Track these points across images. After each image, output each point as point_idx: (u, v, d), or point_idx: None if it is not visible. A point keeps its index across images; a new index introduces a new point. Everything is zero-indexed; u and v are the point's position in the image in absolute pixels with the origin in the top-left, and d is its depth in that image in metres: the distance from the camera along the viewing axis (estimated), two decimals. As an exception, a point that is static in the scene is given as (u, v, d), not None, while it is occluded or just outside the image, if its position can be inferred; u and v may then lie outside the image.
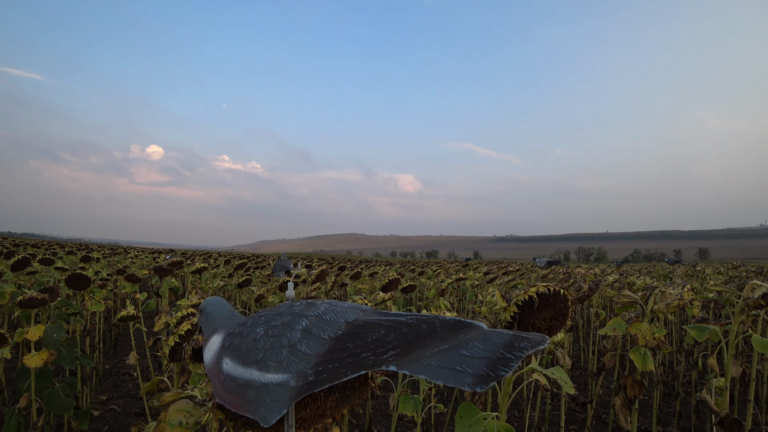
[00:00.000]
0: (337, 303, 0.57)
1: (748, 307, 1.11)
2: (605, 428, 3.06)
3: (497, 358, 0.42)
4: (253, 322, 0.57)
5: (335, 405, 0.56)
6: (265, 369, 0.51)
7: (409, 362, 0.43)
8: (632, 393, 1.56)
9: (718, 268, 7.45)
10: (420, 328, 0.47)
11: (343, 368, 0.46)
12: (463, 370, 0.41)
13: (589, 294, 1.66)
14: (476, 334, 0.45)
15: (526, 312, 0.89)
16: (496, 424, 1.01)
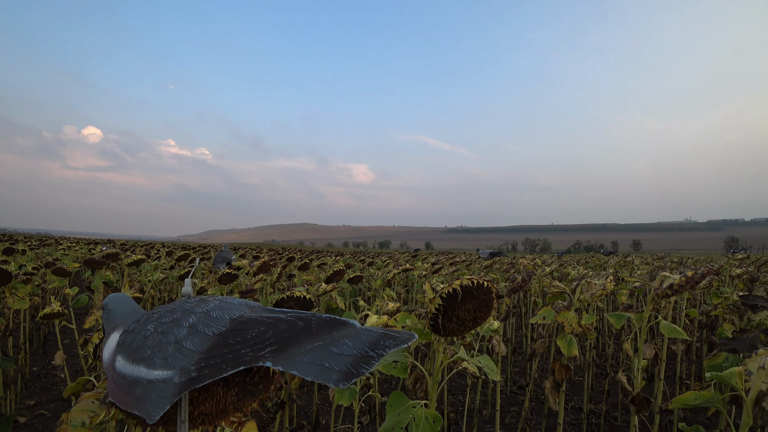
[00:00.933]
0: (227, 300, 0.57)
1: (658, 296, 1.19)
2: (542, 408, 3.23)
3: (362, 356, 0.43)
4: (146, 318, 0.57)
5: (237, 400, 0.56)
6: (151, 366, 0.51)
7: (285, 358, 0.45)
8: (560, 376, 1.65)
9: (647, 258, 8.02)
10: (297, 326, 0.48)
11: (223, 364, 0.47)
12: (331, 367, 0.43)
13: (522, 285, 1.74)
14: (349, 332, 0.47)
15: (451, 304, 0.91)
16: (425, 412, 1.04)
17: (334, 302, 2.93)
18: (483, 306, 0.95)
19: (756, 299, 1.40)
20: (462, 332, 0.97)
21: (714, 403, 0.79)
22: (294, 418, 2.93)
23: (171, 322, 0.54)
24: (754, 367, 0.80)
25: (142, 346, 0.53)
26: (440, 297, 0.91)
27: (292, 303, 1.85)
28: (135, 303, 0.68)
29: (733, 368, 0.75)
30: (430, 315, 0.93)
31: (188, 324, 0.53)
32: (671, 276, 1.18)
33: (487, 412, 3.29)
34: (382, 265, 6.65)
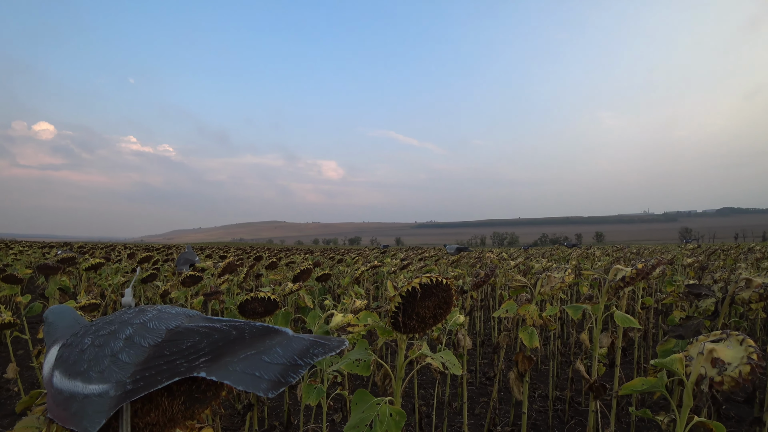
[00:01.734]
0: (165, 309, 0.58)
1: (611, 288, 1.24)
2: (511, 398, 3.31)
3: (290, 364, 0.45)
4: (84, 331, 0.57)
5: (186, 408, 0.56)
6: (87, 380, 0.51)
7: (219, 368, 0.46)
8: (523, 367, 1.70)
9: (607, 250, 8.35)
10: (230, 335, 0.49)
11: (158, 375, 0.47)
12: (261, 375, 0.44)
13: (485, 280, 1.77)
14: (280, 340, 0.49)
15: (410, 302, 0.93)
16: (389, 408, 1.06)
17: (302, 301, 2.91)
18: (442, 303, 0.97)
19: (700, 287, 1.48)
20: (423, 329, 0.99)
21: (658, 387, 0.83)
22: (265, 419, 2.90)
23: (108, 334, 0.54)
24: (695, 352, 0.84)
25: (78, 360, 0.53)
26: (400, 295, 0.92)
27: (256, 304, 1.83)
28: (77, 314, 0.67)
29: (674, 355, 0.80)
30: (390, 313, 0.94)
31: (125, 336, 0.52)
32: (623, 269, 1.23)
33: (457, 404, 3.35)
34: (351, 262, 6.64)
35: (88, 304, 1.92)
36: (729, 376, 0.77)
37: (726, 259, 5.90)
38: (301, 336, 0.49)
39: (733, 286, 1.37)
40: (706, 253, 7.08)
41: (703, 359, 0.81)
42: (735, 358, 0.79)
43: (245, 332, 0.50)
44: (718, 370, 0.79)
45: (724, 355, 0.81)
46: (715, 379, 0.78)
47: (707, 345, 0.81)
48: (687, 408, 0.81)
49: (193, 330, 0.51)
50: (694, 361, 0.82)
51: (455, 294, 0.98)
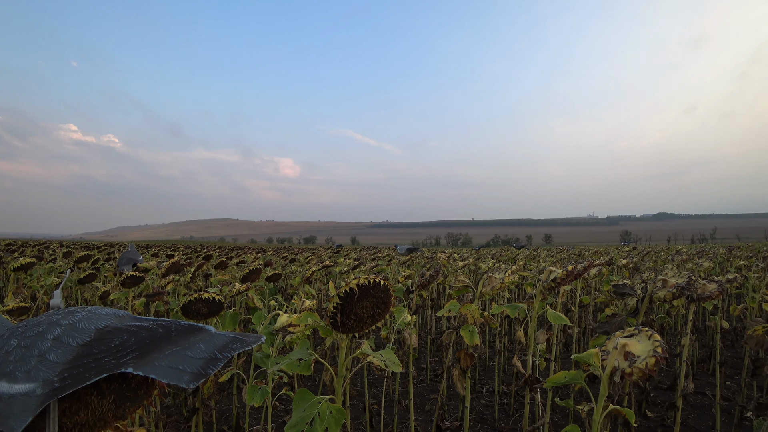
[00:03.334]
0: (95, 310, 0.60)
1: (545, 288, 1.32)
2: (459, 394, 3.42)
3: (211, 358, 0.49)
4: (9, 333, 0.57)
5: (116, 407, 0.56)
6: (13, 380, 0.51)
7: (145, 364, 0.48)
8: (465, 364, 1.76)
9: (553, 251, 8.76)
10: (157, 333, 0.53)
11: (86, 373, 0.48)
12: (184, 369, 0.47)
13: (431, 280, 1.82)
14: (204, 337, 0.53)
15: (349, 302, 0.95)
16: (329, 406, 1.07)
17: (251, 302, 2.87)
18: (380, 303, 0.99)
19: (624, 287, 1.60)
20: (361, 329, 1.01)
21: (577, 379, 0.90)
22: (214, 423, 2.83)
23: (35, 335, 0.54)
24: (611, 347, 0.92)
25: (3, 362, 0.53)
26: (338, 296, 0.94)
27: (200, 305, 1.79)
28: (2, 318, 0.65)
29: (590, 350, 0.87)
30: (329, 313, 0.96)
31: (53, 336, 0.53)
32: (556, 270, 1.31)
33: (407, 401, 3.41)
34: (304, 262, 6.58)
35: (17, 308, 1.81)
36: (637, 367, 0.84)
37: (656, 261, 6.32)
38: (222, 333, 0.53)
39: (652, 286, 1.48)
40: (640, 254, 7.57)
41: (616, 353, 0.89)
42: (643, 352, 0.87)
43: (171, 330, 0.53)
44: (629, 362, 0.87)
45: (635, 348, 0.88)
46: (626, 371, 0.85)
47: (620, 340, 0.89)
48: (603, 397, 0.88)
49: (121, 329, 0.53)
50: (610, 355, 0.89)
51: (394, 295, 1.01)
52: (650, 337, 0.89)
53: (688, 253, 7.89)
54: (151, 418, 2.38)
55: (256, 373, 1.77)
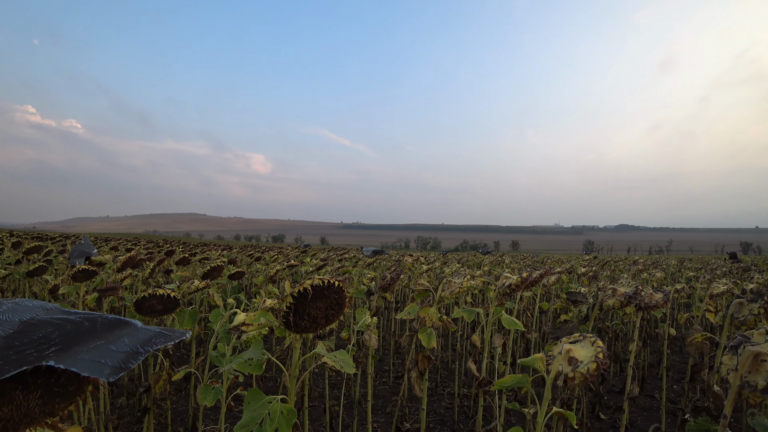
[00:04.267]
0: (22, 302, 0.58)
1: (500, 294, 1.35)
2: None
3: (133, 352, 0.49)
4: None
5: (44, 403, 0.54)
6: None
7: (68, 357, 0.47)
8: (422, 366, 1.78)
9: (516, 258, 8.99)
10: (83, 326, 0.52)
11: (6, 365, 0.47)
12: (105, 362, 0.47)
13: (391, 283, 1.84)
14: (129, 331, 0.53)
15: (302, 302, 0.95)
16: (280, 406, 1.07)
17: (212, 299, 2.81)
18: (334, 304, 1.00)
19: (577, 295, 1.66)
20: (315, 329, 1.01)
21: (523, 383, 0.92)
22: (169, 425, 2.76)
23: None
24: (556, 352, 0.95)
25: None
26: (291, 296, 0.94)
27: (154, 301, 1.74)
28: None
29: (535, 354, 0.89)
30: (282, 313, 0.96)
31: None
32: (511, 276, 1.34)
33: (365, 404, 3.41)
34: (270, 261, 6.50)
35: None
36: (579, 372, 0.88)
37: (614, 270, 6.55)
38: (148, 327, 0.53)
39: (602, 295, 1.54)
40: (599, 263, 7.84)
41: (561, 358, 0.92)
42: (586, 357, 0.90)
43: (97, 323, 0.52)
44: (573, 367, 0.90)
45: (579, 354, 0.92)
46: (569, 375, 0.88)
47: (565, 346, 0.92)
48: (546, 400, 0.91)
49: (46, 322, 0.52)
50: (555, 360, 0.92)
51: (348, 296, 1.02)
52: (593, 343, 0.92)
53: (644, 263, 8.22)
54: (101, 418, 2.29)
55: (212, 372, 1.74)
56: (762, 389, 0.72)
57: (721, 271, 6.81)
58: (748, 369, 0.75)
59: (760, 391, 0.72)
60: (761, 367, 0.74)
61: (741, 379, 0.75)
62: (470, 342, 4.52)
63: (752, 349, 0.75)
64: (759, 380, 0.73)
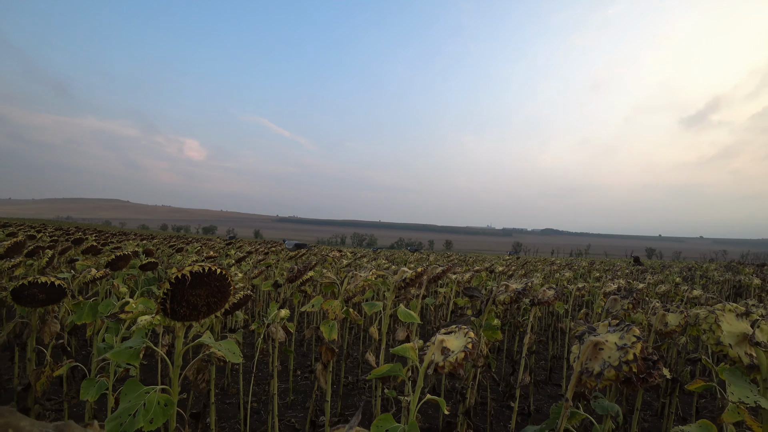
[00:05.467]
0: None
1: (397, 287, 1.39)
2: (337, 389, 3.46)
3: None
4: None
5: None
6: None
7: None
8: (326, 358, 1.79)
9: (441, 256, 9.33)
10: None
11: None
12: None
13: (298, 275, 1.83)
14: None
15: (179, 289, 0.92)
16: (158, 397, 1.03)
17: (116, 290, 2.65)
18: (216, 292, 0.98)
19: (473, 290, 1.75)
20: (196, 317, 0.99)
21: (396, 371, 0.96)
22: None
23: None
24: (432, 342, 0.99)
25: None
26: (169, 282, 0.91)
27: (35, 290, 1.61)
28: None
29: (406, 344, 0.93)
30: (159, 299, 0.92)
31: None
32: (407, 270, 1.39)
33: (289, 398, 3.36)
34: (193, 252, 6.22)
35: None
36: (449, 361, 0.92)
37: (530, 269, 6.96)
38: None
39: (496, 290, 1.64)
40: (520, 263, 8.30)
41: (434, 348, 0.96)
42: (457, 347, 0.96)
43: None
44: (444, 356, 0.95)
45: (452, 344, 0.97)
46: (439, 364, 0.93)
47: (439, 336, 0.97)
48: (419, 388, 0.95)
49: None
50: (429, 349, 0.97)
51: (233, 284, 1.00)
52: (466, 334, 0.98)
53: (560, 264, 8.81)
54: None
55: (100, 365, 1.64)
56: (596, 374, 0.80)
57: (622, 272, 7.46)
58: (588, 357, 0.83)
59: (594, 376, 0.80)
60: (599, 355, 0.83)
61: (581, 365, 0.83)
62: (393, 337, 4.61)
63: (592, 339, 0.83)
64: (596, 367, 0.81)
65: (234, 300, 1.89)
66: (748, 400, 0.96)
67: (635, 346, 0.78)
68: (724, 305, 1.18)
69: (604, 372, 0.78)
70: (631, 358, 0.77)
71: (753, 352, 1.19)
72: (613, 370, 0.77)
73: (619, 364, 0.77)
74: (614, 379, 0.77)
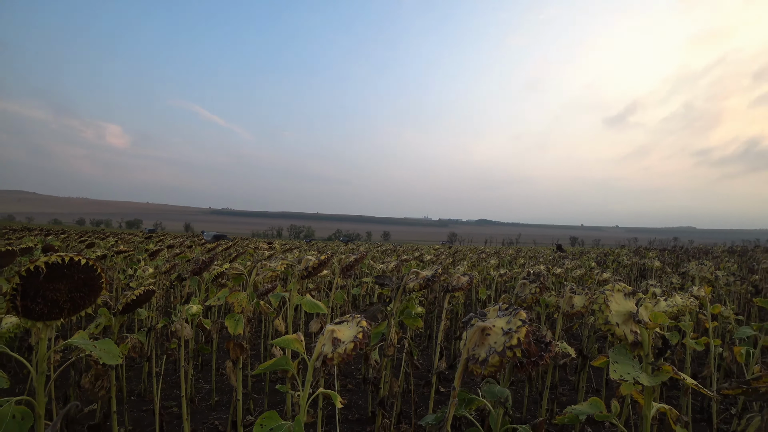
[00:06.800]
0: None
1: (298, 276, 1.34)
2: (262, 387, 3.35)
3: None
4: None
5: None
6: None
7: None
8: (234, 355, 1.71)
9: (373, 246, 9.41)
10: None
11: None
12: None
13: (202, 267, 1.72)
14: None
15: (33, 283, 0.81)
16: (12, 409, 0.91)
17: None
18: (83, 286, 0.87)
19: (384, 278, 1.75)
20: (59, 315, 0.88)
21: (282, 365, 0.92)
22: None
23: None
24: (324, 333, 0.95)
25: None
26: (19, 275, 0.80)
27: None
28: None
29: (289, 335, 0.89)
30: (8, 296, 0.81)
31: None
32: (311, 258, 1.34)
33: (213, 399, 3.20)
34: (106, 248, 5.76)
35: None
36: (338, 353, 0.89)
37: (459, 258, 7.18)
38: None
39: (406, 278, 1.64)
40: (452, 252, 8.54)
41: (325, 338, 0.93)
42: (348, 337, 0.92)
43: None
44: (334, 347, 0.91)
45: (343, 335, 0.93)
46: (328, 356, 0.90)
47: (329, 326, 0.93)
48: (309, 382, 0.91)
49: None
50: (319, 341, 0.93)
51: (105, 276, 0.90)
52: (358, 323, 0.95)
53: (487, 252, 9.17)
54: None
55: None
56: (482, 361, 0.80)
57: (545, 259, 7.90)
58: (476, 343, 0.84)
59: (480, 363, 0.80)
60: (486, 340, 0.83)
61: (468, 352, 0.83)
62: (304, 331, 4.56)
63: (479, 324, 0.83)
64: (482, 353, 0.81)
65: (133, 296, 1.74)
66: (628, 377, 1.01)
67: (520, 331, 0.79)
68: (613, 286, 1.25)
69: (489, 358, 0.78)
70: (515, 342, 0.78)
71: (637, 330, 1.27)
72: (497, 356, 0.77)
73: (503, 349, 0.78)
74: (498, 365, 0.77)
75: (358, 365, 3.81)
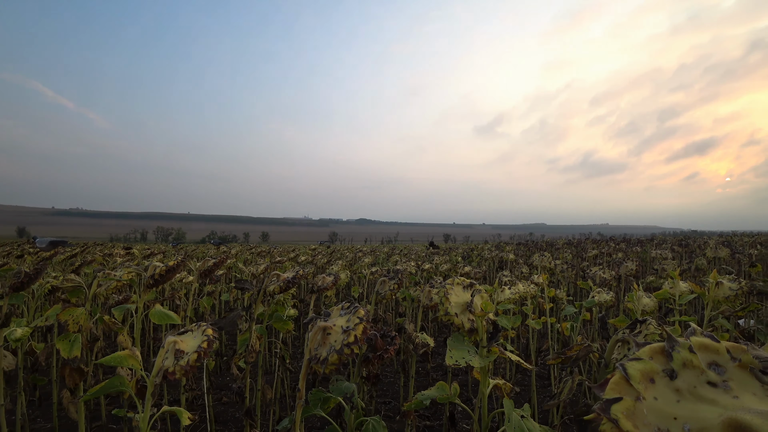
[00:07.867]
0: None
1: (146, 284, 1.24)
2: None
3: None
4: None
5: None
6: None
7: None
8: (72, 382, 1.50)
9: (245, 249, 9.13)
10: None
11: None
12: None
13: (25, 280, 1.50)
14: None
15: None
16: None
17: None
18: None
19: (244, 282, 1.70)
20: None
21: (117, 386, 0.85)
22: None
23: None
24: (165, 345, 0.89)
25: None
26: None
27: None
28: None
29: (120, 353, 0.82)
30: None
31: None
32: (159, 265, 1.25)
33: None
34: None
35: None
36: (180, 366, 0.85)
37: (336, 257, 7.26)
38: None
39: (267, 281, 1.62)
40: (326, 252, 8.60)
41: (166, 351, 0.87)
42: (192, 347, 0.88)
43: None
44: (177, 360, 0.86)
45: (186, 345, 0.89)
46: (169, 370, 0.85)
47: (171, 338, 0.88)
48: (149, 401, 0.85)
49: None
50: (159, 354, 0.87)
51: None
52: (204, 332, 0.91)
53: (363, 251, 9.42)
54: None
55: None
56: (322, 360, 0.82)
57: (417, 255, 8.37)
58: (318, 343, 0.86)
59: (321, 362, 0.82)
60: (327, 339, 0.86)
61: (310, 352, 0.85)
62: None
63: (320, 324, 0.86)
64: (323, 352, 0.84)
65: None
66: (462, 361, 1.13)
67: (357, 328, 0.83)
68: (453, 279, 1.39)
69: (329, 357, 0.81)
70: (352, 340, 0.82)
71: (474, 318, 1.43)
72: (336, 354, 0.81)
73: (341, 347, 0.81)
74: (338, 363, 0.81)
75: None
